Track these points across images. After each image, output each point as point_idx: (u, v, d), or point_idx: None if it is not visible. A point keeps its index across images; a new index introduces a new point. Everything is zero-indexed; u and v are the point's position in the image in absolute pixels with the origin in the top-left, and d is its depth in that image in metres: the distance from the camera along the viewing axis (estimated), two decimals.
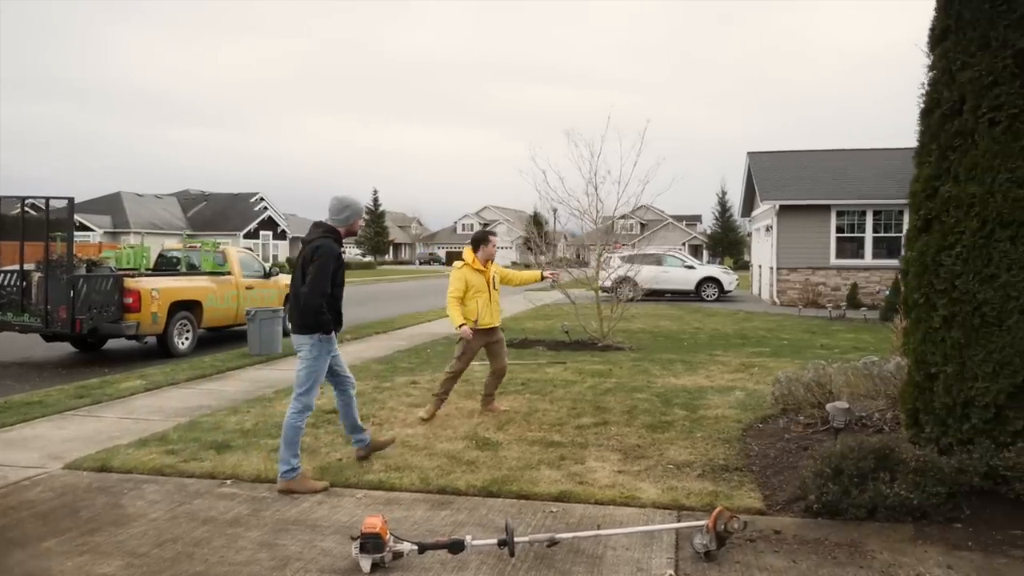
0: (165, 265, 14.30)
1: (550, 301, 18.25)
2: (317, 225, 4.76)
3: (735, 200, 72.29)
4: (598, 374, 8.57)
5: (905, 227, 20.76)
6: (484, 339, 6.50)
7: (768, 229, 22.48)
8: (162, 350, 11.36)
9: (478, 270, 6.38)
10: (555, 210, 17.58)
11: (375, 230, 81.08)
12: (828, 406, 4.69)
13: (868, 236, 20.94)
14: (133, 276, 11.59)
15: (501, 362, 6.63)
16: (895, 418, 5.58)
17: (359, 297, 25.71)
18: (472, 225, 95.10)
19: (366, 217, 79.64)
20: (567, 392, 7.44)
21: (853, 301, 19.72)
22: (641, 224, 77.31)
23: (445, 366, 6.86)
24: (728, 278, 24.02)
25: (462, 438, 5.69)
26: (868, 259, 20.87)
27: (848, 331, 14.27)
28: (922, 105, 4.76)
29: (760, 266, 25.32)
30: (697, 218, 78.94)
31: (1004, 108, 4.30)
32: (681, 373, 8.69)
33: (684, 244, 67.19)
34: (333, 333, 4.67)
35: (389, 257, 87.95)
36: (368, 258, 77.20)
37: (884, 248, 20.87)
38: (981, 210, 4.31)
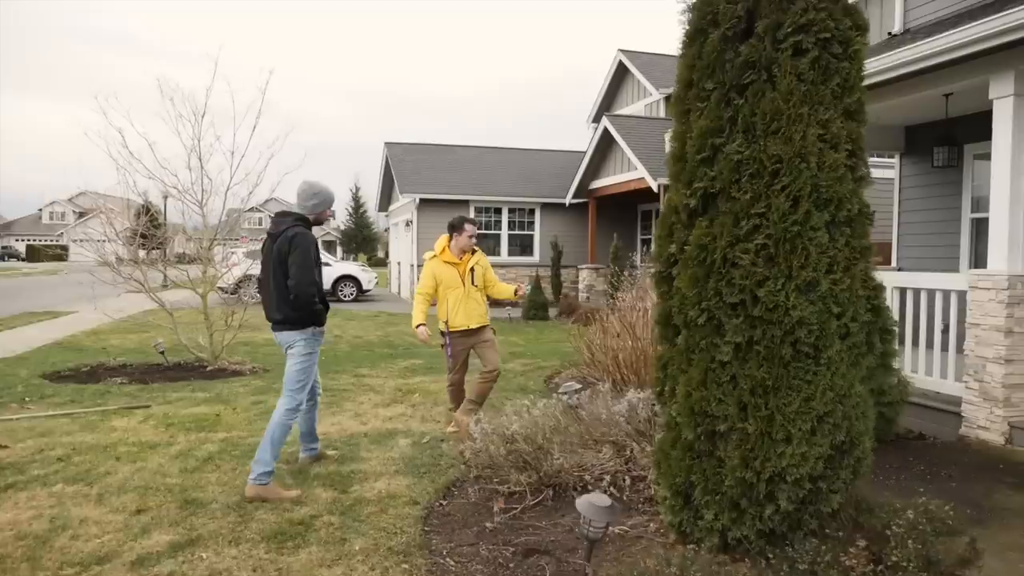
0: None
1: (151, 307, 14.30)
2: (284, 215, 4.48)
3: (369, 196, 71.74)
4: (199, 424, 5.80)
5: (539, 225, 21.46)
6: (467, 342, 5.74)
7: (408, 224, 21.24)
8: None
9: (449, 262, 5.62)
10: (166, 197, 13.98)
11: None
12: (580, 503, 2.85)
13: (504, 234, 20.91)
14: None
15: (490, 362, 5.72)
16: (631, 475, 4.02)
17: None
18: (64, 213, 79.46)
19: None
20: (136, 471, 4.55)
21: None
22: (271, 218, 72.27)
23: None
24: (367, 276, 22.26)
25: None
26: (504, 256, 20.82)
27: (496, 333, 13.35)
28: (686, 26, 3.16)
29: (400, 263, 24.07)
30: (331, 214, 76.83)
31: (813, 29, 2.87)
32: (321, 410, 6.33)
33: (318, 240, 64.48)
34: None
35: None
36: None
37: (518, 246, 21.06)
38: (792, 182, 2.82)
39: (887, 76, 5.93)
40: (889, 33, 8.10)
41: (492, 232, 20.83)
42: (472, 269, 5.69)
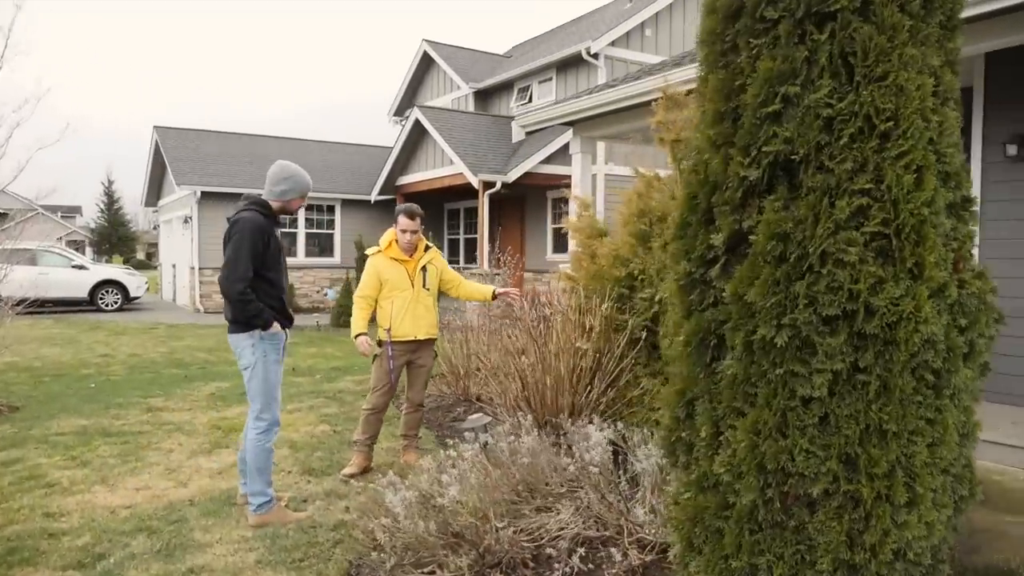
0: None
1: None
2: (244, 198, 3.94)
3: (129, 188, 63.89)
4: None
5: (340, 224, 19.78)
6: (405, 357, 4.71)
7: (187, 220, 18.52)
8: None
9: (396, 259, 4.74)
10: None
11: None
12: None
13: (301, 232, 19.01)
14: None
15: (415, 394, 4.79)
16: (594, 534, 3.07)
17: None
18: None
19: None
20: None
21: (291, 304, 17.54)
22: (1, 213, 61.35)
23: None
24: (135, 281, 19.10)
25: None
26: (302, 258, 18.95)
27: (307, 344, 11.79)
28: None
29: (175, 265, 21.02)
30: (77, 210, 67.00)
31: None
32: (114, 467, 4.65)
33: (61, 239, 56.04)
34: (284, 331, 3.88)
35: None
36: None
37: (316, 246, 19.28)
38: (911, 147, 2.04)
39: None
40: None
41: (288, 231, 18.83)
42: (424, 269, 4.83)
